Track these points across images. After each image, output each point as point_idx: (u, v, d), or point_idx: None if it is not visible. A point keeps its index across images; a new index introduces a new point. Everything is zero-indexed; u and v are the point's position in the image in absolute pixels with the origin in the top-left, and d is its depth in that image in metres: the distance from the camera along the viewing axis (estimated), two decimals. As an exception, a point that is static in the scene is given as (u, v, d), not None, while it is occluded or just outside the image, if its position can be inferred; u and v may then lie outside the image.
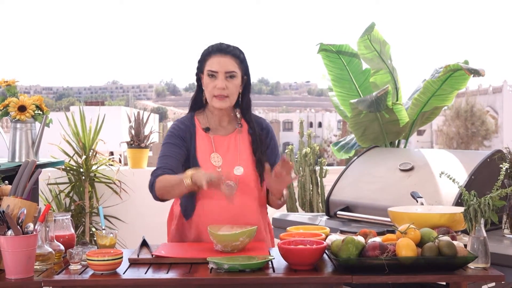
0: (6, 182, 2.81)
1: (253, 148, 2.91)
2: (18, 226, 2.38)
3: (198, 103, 2.97)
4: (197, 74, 2.94)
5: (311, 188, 5.18)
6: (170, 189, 2.76)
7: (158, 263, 2.55)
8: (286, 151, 5.35)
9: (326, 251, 2.52)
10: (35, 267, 2.42)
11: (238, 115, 2.99)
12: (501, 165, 2.82)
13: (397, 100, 5.13)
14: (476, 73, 4.58)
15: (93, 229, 5.20)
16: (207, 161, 2.86)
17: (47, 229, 2.58)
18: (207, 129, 2.92)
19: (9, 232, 2.37)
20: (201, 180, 2.56)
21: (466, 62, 4.79)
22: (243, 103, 2.95)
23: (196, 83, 2.96)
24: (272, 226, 3.96)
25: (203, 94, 2.92)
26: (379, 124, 4.95)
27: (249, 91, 2.96)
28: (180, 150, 2.87)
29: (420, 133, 53.16)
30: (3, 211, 2.40)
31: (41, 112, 3.97)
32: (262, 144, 2.94)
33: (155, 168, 2.87)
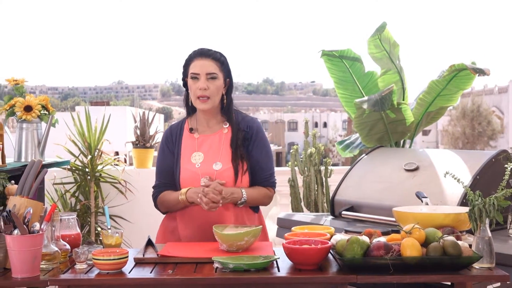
0: (13, 181, 2.82)
1: (230, 142, 3.03)
2: (24, 226, 2.40)
3: (191, 107, 3.13)
4: (183, 79, 3.09)
5: (316, 188, 5.18)
6: (171, 207, 3.06)
7: (163, 262, 2.57)
8: (291, 151, 5.36)
9: (331, 251, 2.52)
10: (41, 266, 2.44)
11: (224, 116, 3.11)
12: (506, 165, 2.81)
13: (403, 100, 5.13)
14: (481, 72, 4.57)
15: (99, 229, 5.22)
16: (188, 160, 3.04)
17: (53, 228, 2.60)
18: (191, 130, 3.10)
19: (16, 231, 2.39)
20: (194, 198, 2.89)
21: (474, 63, 4.78)
22: (226, 104, 3.08)
23: (184, 88, 3.12)
24: (277, 226, 3.97)
25: (189, 98, 3.08)
26: (384, 124, 4.94)
27: (231, 92, 3.11)
28: (171, 160, 3.08)
29: (426, 133, 53.10)
30: (10, 211, 2.42)
31: (47, 112, 3.99)
32: (245, 140, 3.05)
33: (154, 182, 3.13)
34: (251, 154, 3.03)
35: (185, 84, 3.07)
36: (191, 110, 3.12)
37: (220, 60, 3.02)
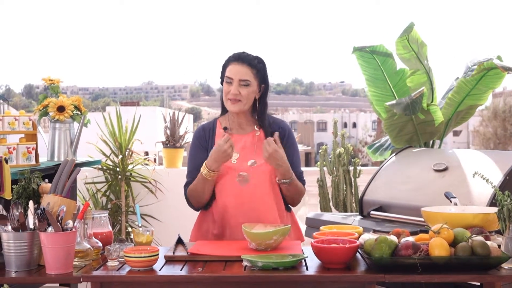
0: (46, 180, 2.88)
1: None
2: (58, 223, 2.45)
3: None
4: (221, 78, 3.12)
5: (344, 188, 5.18)
6: (199, 190, 3.03)
7: (193, 260, 2.60)
8: (320, 151, 5.36)
9: (359, 250, 2.53)
10: (74, 263, 2.49)
11: (257, 120, 3.15)
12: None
13: (432, 101, 5.11)
14: (511, 70, 4.54)
15: (129, 228, 5.28)
16: None
17: (86, 226, 2.65)
18: (225, 128, 3.12)
19: (49, 228, 2.44)
20: (212, 157, 2.91)
21: (499, 58, 4.74)
22: (259, 108, 3.11)
23: (221, 86, 3.14)
24: (306, 226, 3.99)
25: None
26: (414, 125, 4.94)
27: (265, 98, 3.12)
28: (204, 157, 3.06)
29: (457, 133, 52.58)
30: (44, 209, 2.47)
31: (79, 113, 4.05)
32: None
33: (186, 181, 3.14)
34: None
35: (222, 82, 3.10)
36: (225, 109, 3.16)
37: (256, 67, 3.04)
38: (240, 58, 3.04)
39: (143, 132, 5.94)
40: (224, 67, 3.08)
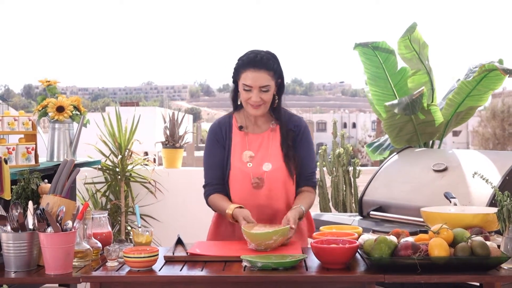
0: (46, 180, 2.88)
1: (281, 143, 3.02)
2: (57, 223, 2.45)
3: (237, 102, 3.07)
4: (233, 78, 3.03)
5: (344, 189, 5.18)
6: (219, 212, 3.05)
7: (192, 260, 2.60)
8: (319, 151, 5.37)
9: (358, 250, 2.53)
10: (73, 263, 2.49)
11: (273, 115, 3.08)
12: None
13: (432, 102, 5.12)
14: (511, 73, 4.55)
15: (129, 228, 5.28)
16: (239, 158, 3.02)
17: (85, 226, 2.65)
18: (240, 127, 3.07)
19: (49, 229, 2.44)
20: (238, 217, 2.84)
21: (501, 62, 4.76)
22: (276, 103, 3.05)
23: (233, 84, 3.06)
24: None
25: (238, 95, 3.03)
26: (414, 125, 4.94)
27: (282, 92, 3.06)
28: (222, 155, 3.05)
29: (456, 134, 52.61)
30: (43, 209, 2.47)
31: (78, 113, 4.05)
32: (293, 140, 3.05)
33: (204, 182, 3.10)
34: (296, 151, 3.04)
35: (235, 81, 3.02)
36: (238, 106, 3.08)
37: (273, 68, 2.95)
38: (256, 64, 2.92)
39: (142, 132, 5.94)
40: (238, 72, 2.97)
